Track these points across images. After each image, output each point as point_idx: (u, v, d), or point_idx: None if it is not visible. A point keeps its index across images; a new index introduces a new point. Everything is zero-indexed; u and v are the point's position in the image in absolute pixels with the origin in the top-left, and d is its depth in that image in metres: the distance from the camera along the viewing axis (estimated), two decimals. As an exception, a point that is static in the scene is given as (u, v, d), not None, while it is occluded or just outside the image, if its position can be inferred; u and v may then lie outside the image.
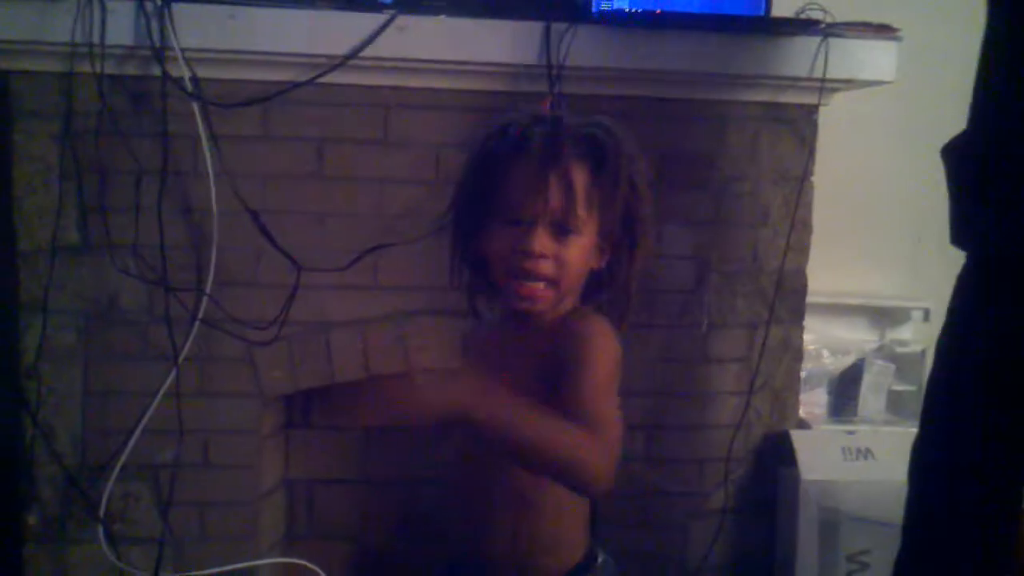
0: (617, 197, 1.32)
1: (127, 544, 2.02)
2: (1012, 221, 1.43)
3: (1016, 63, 1.43)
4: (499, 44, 1.96)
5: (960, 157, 1.53)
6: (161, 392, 1.97)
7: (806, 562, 2.17)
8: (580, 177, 1.30)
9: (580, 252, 1.32)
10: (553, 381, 1.27)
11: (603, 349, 1.30)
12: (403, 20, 1.91)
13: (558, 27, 1.95)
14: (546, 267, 1.30)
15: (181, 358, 1.97)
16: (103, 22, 1.84)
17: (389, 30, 1.90)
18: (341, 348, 2.06)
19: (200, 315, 1.97)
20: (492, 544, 1.38)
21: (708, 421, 2.20)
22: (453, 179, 1.97)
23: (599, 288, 1.40)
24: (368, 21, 1.90)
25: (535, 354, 1.33)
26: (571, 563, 1.40)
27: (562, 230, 1.30)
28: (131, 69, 1.91)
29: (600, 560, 1.43)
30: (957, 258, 1.54)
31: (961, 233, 1.53)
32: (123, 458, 1.98)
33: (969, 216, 1.51)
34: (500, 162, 1.33)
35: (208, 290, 1.97)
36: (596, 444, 1.21)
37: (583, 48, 1.96)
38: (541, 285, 1.31)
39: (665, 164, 2.04)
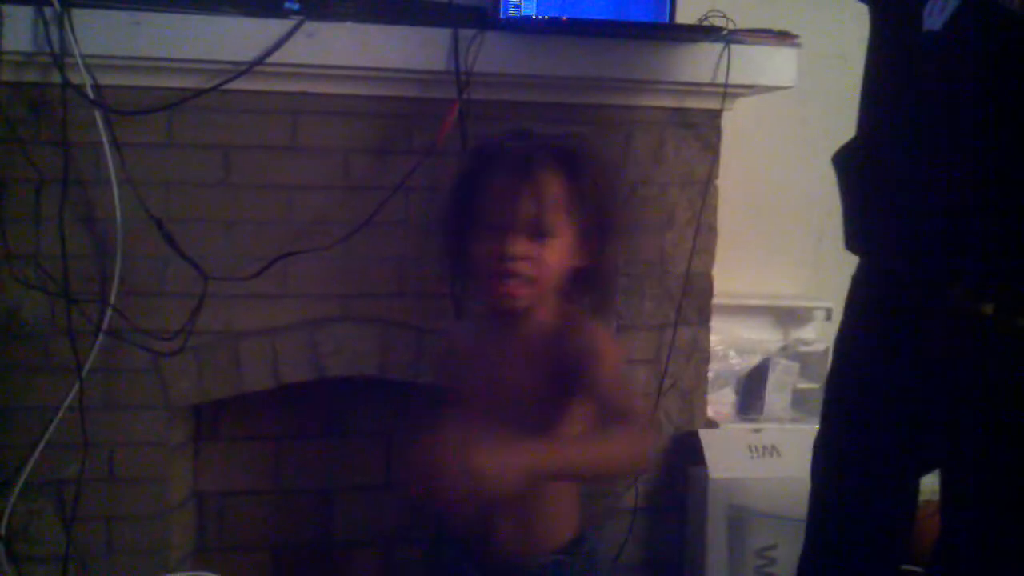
0: (589, 201, 1.44)
1: (30, 562, 1.97)
2: (894, 228, 1.47)
3: (897, 72, 1.47)
4: (407, 50, 1.95)
5: (848, 164, 1.57)
6: (64, 406, 1.92)
7: (716, 558, 2.20)
8: (552, 184, 1.42)
9: (557, 253, 1.44)
10: (559, 379, 1.42)
11: (611, 351, 1.44)
12: (311, 26, 1.89)
13: (466, 33, 1.95)
14: (524, 267, 1.42)
15: (85, 371, 1.93)
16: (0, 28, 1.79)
17: (297, 36, 1.88)
18: (251, 357, 2.03)
19: (104, 326, 1.93)
20: (491, 525, 1.48)
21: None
22: (362, 185, 2.00)
23: (583, 286, 1.51)
24: (275, 27, 1.88)
25: (533, 354, 1.46)
26: (564, 539, 1.52)
27: (538, 233, 1.41)
28: (30, 76, 1.86)
29: (588, 536, 1.55)
30: (856, 259, 1.59)
31: (852, 239, 1.58)
32: (25, 474, 1.92)
33: (857, 222, 1.56)
34: (479, 175, 1.46)
35: (112, 301, 1.93)
36: (632, 436, 1.35)
37: (491, 55, 1.96)
38: (518, 283, 1.42)
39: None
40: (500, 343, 1.51)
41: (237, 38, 1.89)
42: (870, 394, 1.56)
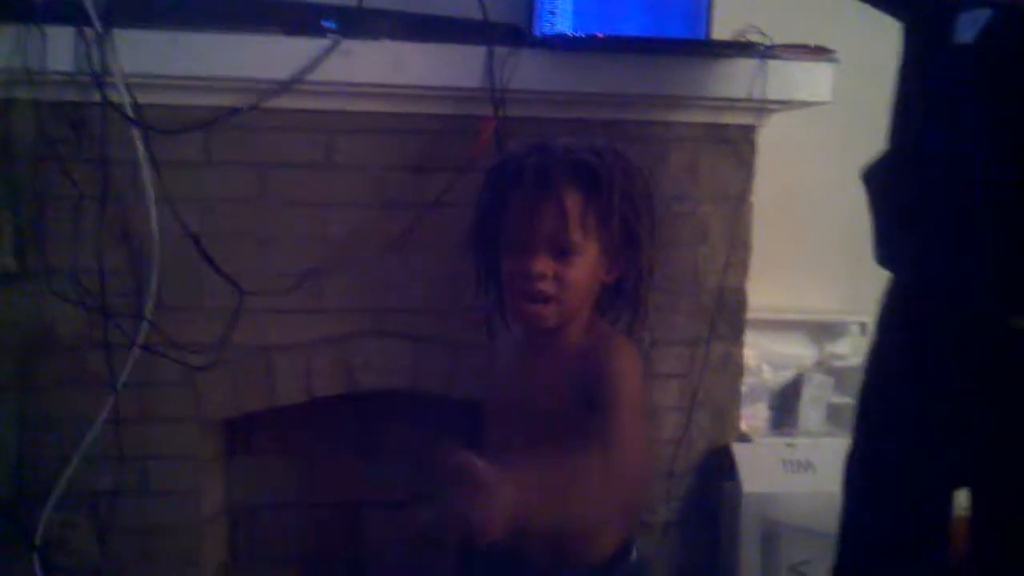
0: (613, 215, 1.40)
1: (65, 573, 1.98)
2: (921, 242, 1.46)
3: (926, 86, 1.46)
4: (443, 68, 1.95)
5: (876, 179, 1.57)
6: (100, 419, 1.94)
7: (749, 573, 2.19)
8: (573, 200, 1.38)
9: (581, 270, 1.41)
10: (583, 395, 1.37)
11: (631, 379, 1.39)
12: (347, 45, 1.90)
13: (501, 51, 1.95)
14: (547, 286, 1.39)
15: (120, 384, 1.94)
16: (42, 48, 1.80)
17: (333, 55, 1.89)
18: (283, 371, 2.04)
19: (139, 340, 1.94)
20: (523, 539, 1.37)
21: (651, 436, 2.22)
22: (397, 202, 2.00)
23: (615, 300, 1.49)
24: (312, 46, 1.89)
25: (564, 369, 1.42)
26: (607, 553, 1.46)
27: (561, 251, 1.38)
28: (71, 95, 1.87)
29: (633, 553, 1.50)
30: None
31: (880, 253, 1.57)
32: (60, 486, 1.94)
33: (885, 237, 1.55)
34: (500, 193, 1.44)
35: (147, 315, 1.94)
36: (616, 481, 1.30)
37: (526, 72, 1.96)
38: (543, 305, 1.40)
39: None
40: (530, 360, 1.49)
41: (273, 57, 1.89)
42: (901, 408, 1.55)
